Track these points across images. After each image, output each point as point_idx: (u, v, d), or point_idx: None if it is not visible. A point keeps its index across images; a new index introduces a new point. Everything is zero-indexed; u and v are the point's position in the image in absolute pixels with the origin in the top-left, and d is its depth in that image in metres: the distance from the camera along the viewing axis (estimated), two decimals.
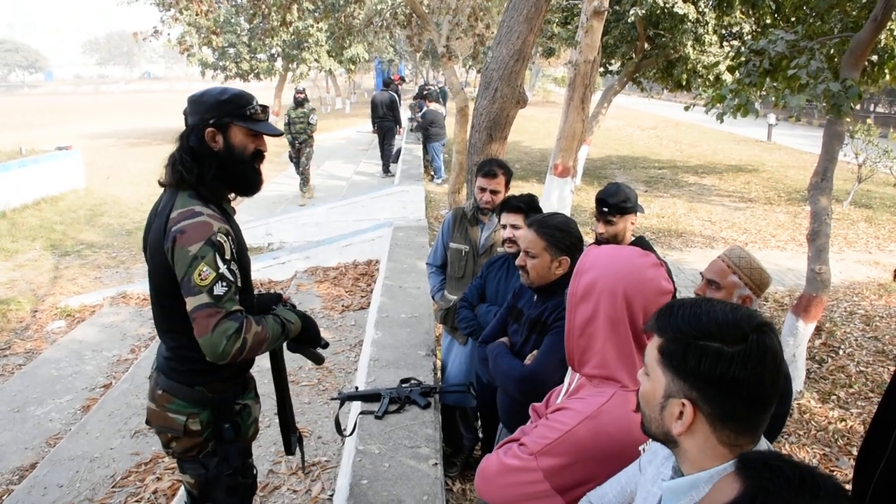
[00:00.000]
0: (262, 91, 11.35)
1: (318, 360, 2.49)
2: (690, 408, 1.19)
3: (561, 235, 2.48)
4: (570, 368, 2.01)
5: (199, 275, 1.92)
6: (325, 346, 2.42)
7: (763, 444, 1.25)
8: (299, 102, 11.92)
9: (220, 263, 1.96)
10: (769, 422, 2.09)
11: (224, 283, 1.96)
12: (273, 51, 24.71)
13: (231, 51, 24.28)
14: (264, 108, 2.19)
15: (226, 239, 2.01)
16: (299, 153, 12.05)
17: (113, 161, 18.21)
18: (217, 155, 2.11)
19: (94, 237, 10.42)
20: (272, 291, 2.37)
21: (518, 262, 2.56)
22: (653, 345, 1.28)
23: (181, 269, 1.95)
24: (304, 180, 12.36)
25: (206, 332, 1.92)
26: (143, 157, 18.86)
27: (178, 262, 1.96)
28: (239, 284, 2.04)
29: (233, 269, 2.01)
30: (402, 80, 28.65)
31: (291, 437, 2.52)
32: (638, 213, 3.22)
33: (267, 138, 2.21)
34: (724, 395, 1.16)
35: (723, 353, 1.15)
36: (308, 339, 2.39)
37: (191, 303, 1.94)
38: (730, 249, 2.45)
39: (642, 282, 1.72)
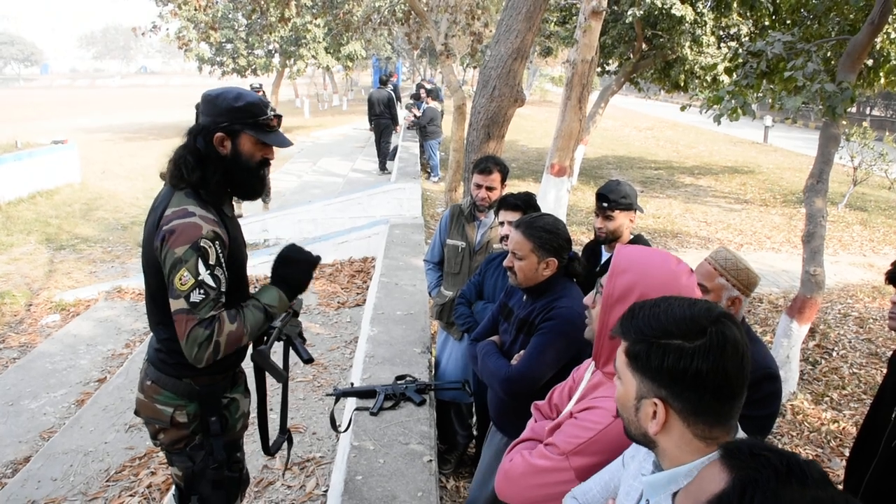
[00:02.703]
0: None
1: (279, 378, 2.33)
2: (662, 406, 1.22)
3: (549, 237, 2.48)
4: (577, 367, 2.04)
5: (180, 279, 1.94)
6: (309, 361, 2.30)
7: (740, 436, 1.27)
8: None
9: (201, 269, 1.96)
10: (758, 421, 2.12)
11: (202, 291, 1.96)
12: (270, 47, 24.65)
13: (228, 46, 24.22)
14: (278, 117, 2.16)
15: (211, 244, 1.99)
16: None
17: (109, 155, 18.15)
18: (223, 160, 2.09)
19: (89, 231, 10.40)
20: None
21: (506, 263, 2.57)
22: (620, 349, 1.31)
23: (166, 269, 1.98)
24: None
25: (181, 337, 1.95)
26: (139, 151, 18.82)
27: (165, 261, 1.98)
28: (222, 289, 2.02)
29: (216, 274, 2.00)
30: (393, 74, 28.51)
31: (279, 438, 2.52)
32: (637, 213, 3.24)
33: None
34: (692, 390, 1.19)
35: (684, 348, 1.18)
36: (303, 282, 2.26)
37: (172, 304, 1.97)
38: (716, 251, 2.45)
39: (678, 289, 1.71)
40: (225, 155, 2.09)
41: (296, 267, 2.24)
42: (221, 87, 2.13)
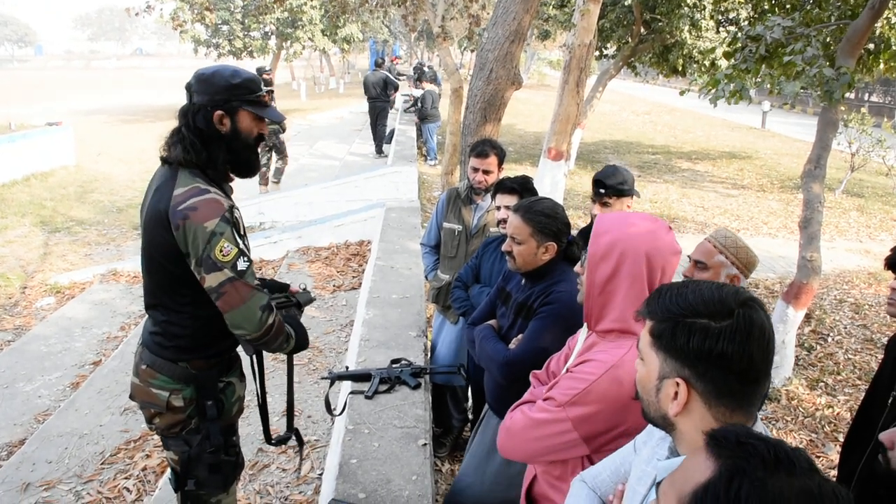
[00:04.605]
0: (254, 70, 11.16)
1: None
2: (684, 387, 1.21)
3: (547, 221, 2.47)
4: (574, 334, 2.07)
5: (221, 251, 1.92)
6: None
7: (760, 425, 1.26)
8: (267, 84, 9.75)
9: (238, 239, 1.97)
10: None
11: (245, 259, 1.98)
12: (267, 29, 24.44)
13: (224, 28, 24.01)
14: (270, 92, 2.17)
15: (239, 216, 2.03)
16: (274, 149, 10.30)
17: (104, 138, 18.03)
18: (223, 137, 2.09)
19: (84, 214, 10.34)
20: (274, 279, 2.37)
21: (504, 247, 2.55)
22: (645, 329, 1.30)
23: (199, 245, 1.93)
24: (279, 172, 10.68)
25: (239, 304, 1.93)
26: (134, 134, 18.70)
27: (192, 239, 1.94)
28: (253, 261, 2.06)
29: (247, 244, 2.03)
30: (399, 58, 28.48)
31: (285, 434, 2.52)
32: (634, 197, 3.22)
33: None
34: (716, 371, 1.17)
35: (710, 328, 1.17)
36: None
37: (214, 279, 1.94)
38: (716, 231, 2.49)
39: (657, 244, 1.81)
40: (225, 133, 2.09)
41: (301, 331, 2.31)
42: (214, 66, 2.13)
